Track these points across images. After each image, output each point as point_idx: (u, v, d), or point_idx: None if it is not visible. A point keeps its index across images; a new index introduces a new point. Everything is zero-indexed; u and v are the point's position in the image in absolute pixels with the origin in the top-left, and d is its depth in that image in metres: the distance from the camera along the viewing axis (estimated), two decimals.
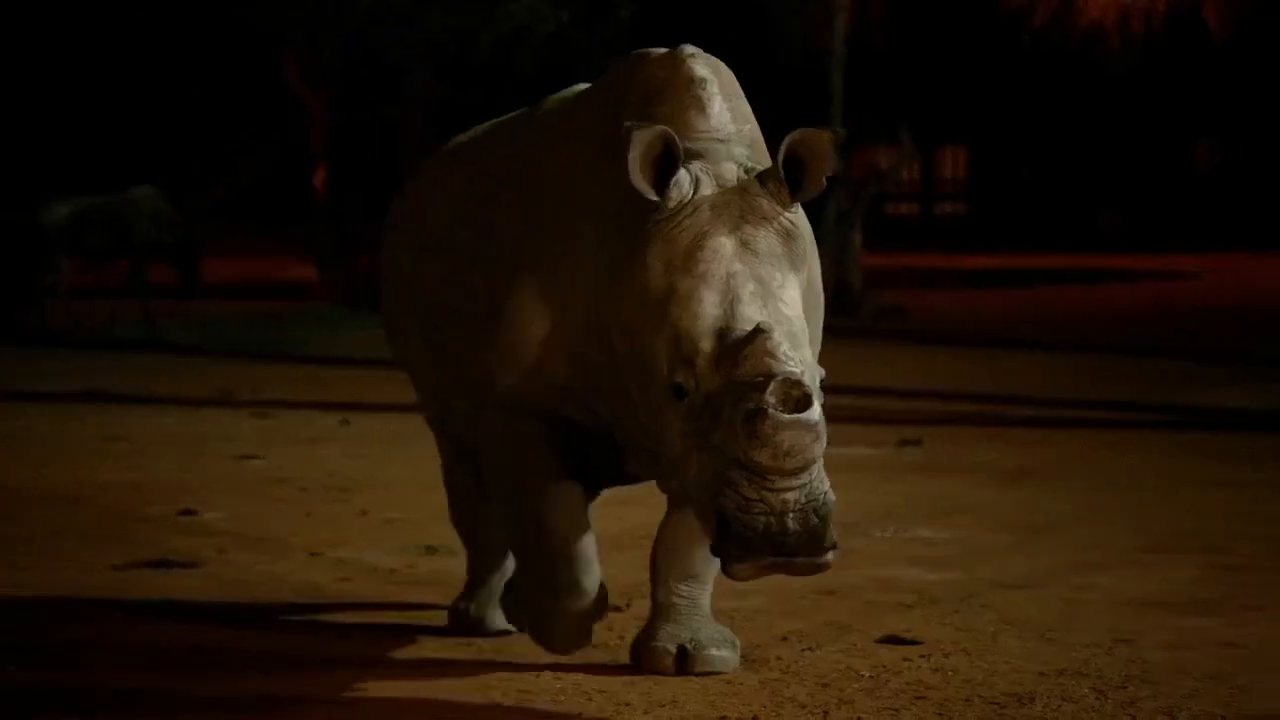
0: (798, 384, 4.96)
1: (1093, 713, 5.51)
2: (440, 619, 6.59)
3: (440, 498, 6.73)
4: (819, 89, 22.71)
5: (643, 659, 5.88)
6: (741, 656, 5.95)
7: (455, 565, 7.03)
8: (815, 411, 4.96)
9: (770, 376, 4.95)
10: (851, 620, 6.60)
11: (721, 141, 5.40)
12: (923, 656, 6.12)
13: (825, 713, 5.51)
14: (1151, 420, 12.46)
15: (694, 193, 5.24)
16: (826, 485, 5.02)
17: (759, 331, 5.03)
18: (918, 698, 5.66)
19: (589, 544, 5.65)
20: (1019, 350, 17.61)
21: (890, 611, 6.73)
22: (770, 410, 4.91)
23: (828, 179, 5.24)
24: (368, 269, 21.55)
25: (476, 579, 6.54)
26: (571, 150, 5.66)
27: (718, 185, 5.26)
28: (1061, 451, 10.89)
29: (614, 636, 6.25)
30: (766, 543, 4.94)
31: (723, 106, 5.47)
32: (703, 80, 5.48)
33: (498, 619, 6.46)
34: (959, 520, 8.64)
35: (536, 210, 5.68)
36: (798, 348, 5.08)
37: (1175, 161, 39.59)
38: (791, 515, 4.95)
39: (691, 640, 5.86)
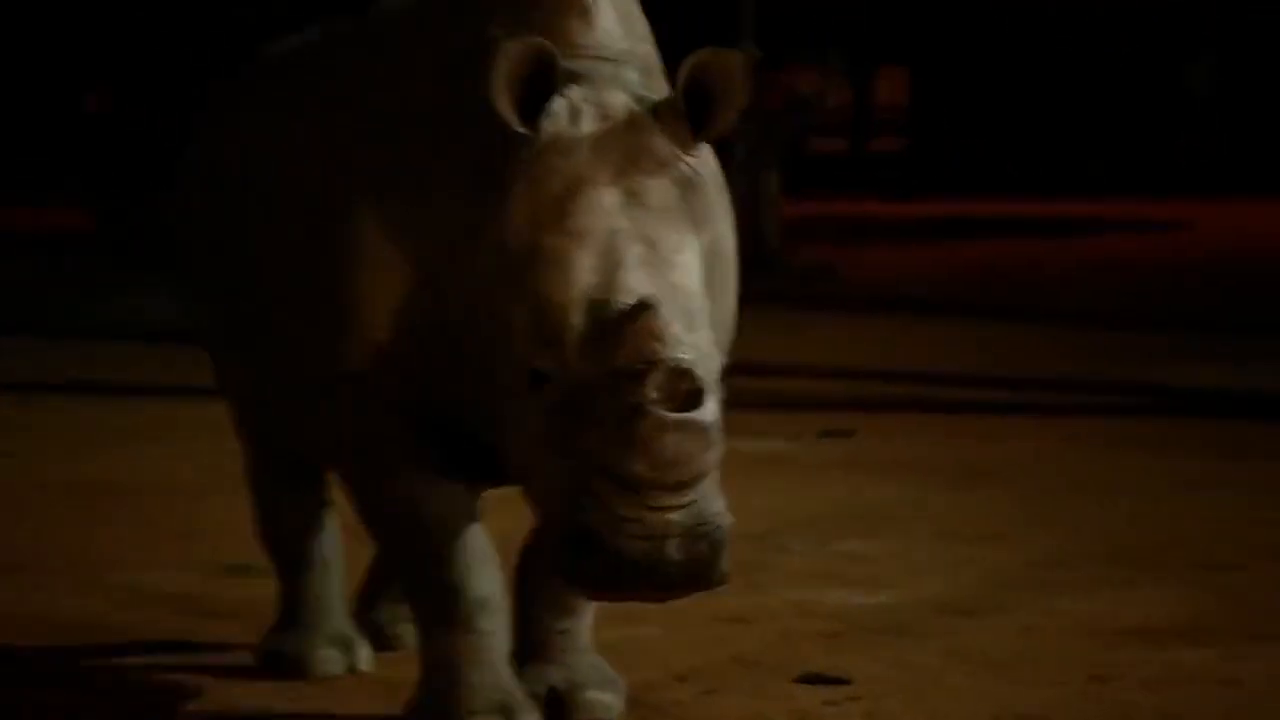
0: (687, 375, 4.84)
1: None
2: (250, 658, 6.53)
3: (248, 504, 6.68)
4: None
5: None
6: (628, 699, 5.92)
7: (269, 589, 6.95)
8: (708, 411, 4.85)
9: (653, 364, 4.82)
10: (764, 654, 6.62)
11: (609, 62, 5.27)
12: (851, 699, 6.13)
13: None
14: (1121, 405, 12.62)
15: (571, 127, 5.12)
16: (719, 505, 4.91)
17: (643, 307, 4.90)
18: None
19: (479, 537, 5.54)
20: (968, 318, 17.77)
21: (811, 643, 6.76)
22: (651, 408, 4.79)
23: (739, 113, 5.13)
24: (159, 218, 21.29)
25: (292, 610, 6.45)
26: (419, 66, 5.53)
27: (602, 118, 5.14)
28: (1017, 445, 11.00)
29: None
30: (639, 573, 4.85)
31: (613, 18, 5.36)
32: None
33: (321, 659, 6.35)
34: (894, 530, 8.70)
35: (374, 143, 5.54)
36: (693, 329, 4.96)
37: (1163, 87, 40.02)
38: (673, 541, 4.85)
39: (565, 680, 5.80)
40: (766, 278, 20.95)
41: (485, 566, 5.51)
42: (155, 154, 22.28)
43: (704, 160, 5.25)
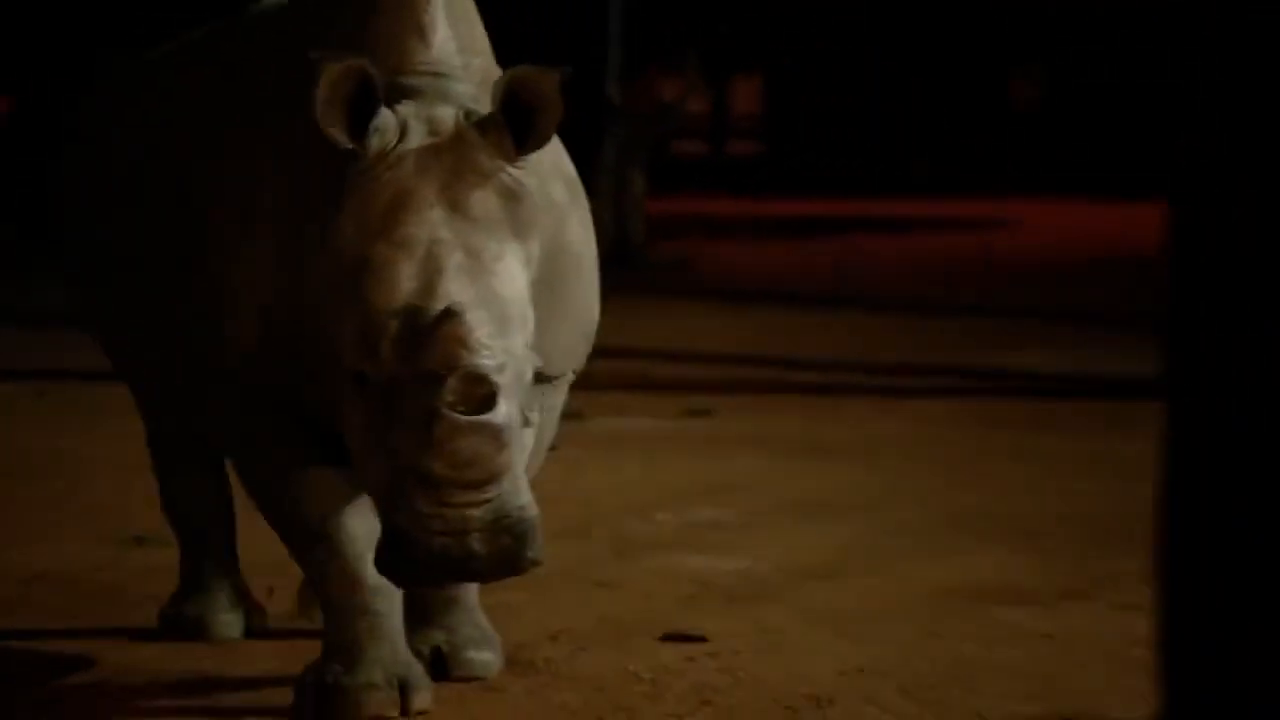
0: (482, 380, 4.76)
1: (898, 716, 5.62)
2: (149, 617, 6.50)
3: (152, 479, 6.62)
4: (594, 6, 22.71)
5: None
6: (505, 658, 5.95)
7: (170, 558, 6.91)
8: (500, 414, 4.76)
9: (453, 369, 4.76)
10: (629, 616, 6.64)
11: (442, 77, 5.14)
12: (709, 655, 6.17)
13: None
14: (951, 386, 12.72)
15: (399, 142, 5.00)
16: (524, 499, 4.84)
17: (449, 314, 4.81)
18: (703, 702, 5.72)
19: (358, 525, 5.41)
20: (817, 308, 17.84)
21: (673, 605, 6.79)
22: (446, 412, 4.72)
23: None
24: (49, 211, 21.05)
25: (193, 577, 6.39)
26: (274, 75, 5.41)
27: (430, 133, 5.02)
28: (863, 424, 11.06)
29: None
30: (446, 566, 4.80)
31: (447, 34, 5.21)
32: None
33: (221, 623, 6.32)
34: (749, 501, 8.75)
35: (236, 152, 5.42)
36: (504, 335, 4.87)
37: (992, 95, 40.31)
38: (475, 536, 4.79)
39: (447, 642, 5.78)
40: (633, 271, 20.99)
41: (362, 550, 5.39)
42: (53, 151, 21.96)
43: (537, 173, 5.14)
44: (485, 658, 5.82)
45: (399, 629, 5.45)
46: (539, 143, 5.05)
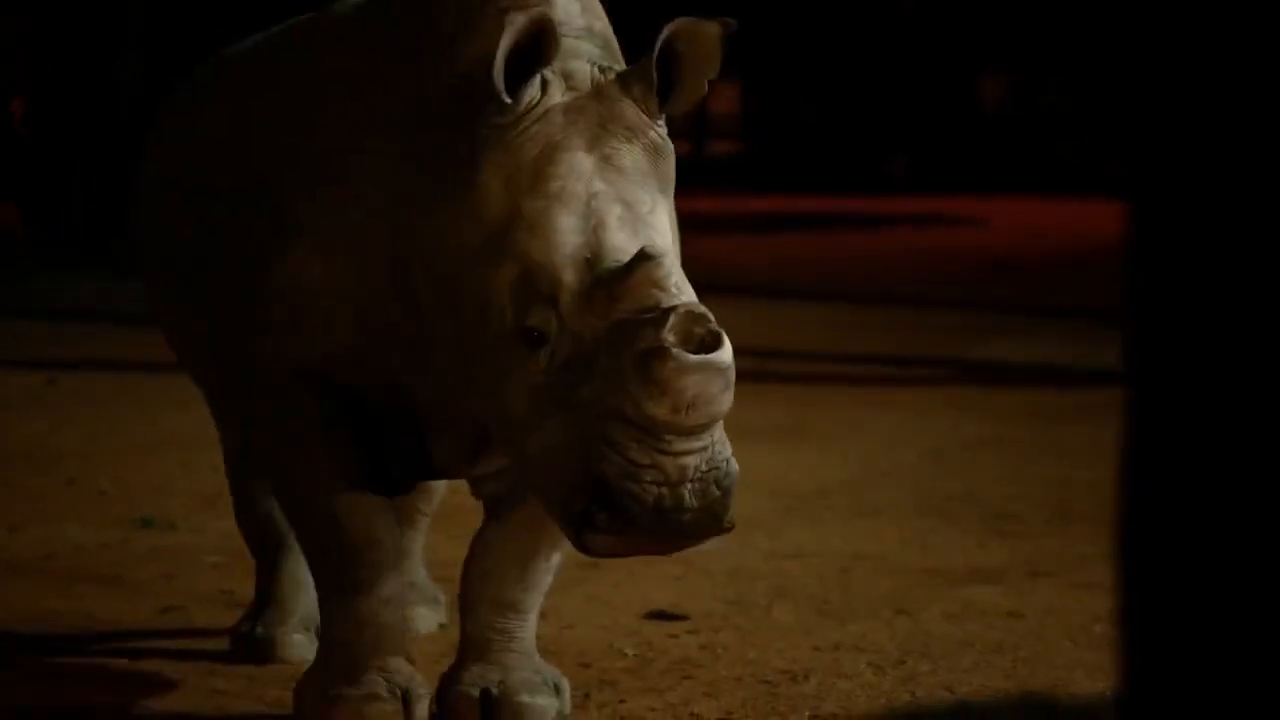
0: (703, 318, 4.34)
1: (870, 689, 5.64)
2: (157, 599, 6.50)
3: (158, 464, 6.61)
4: None
5: (445, 703, 5.20)
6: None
7: (174, 541, 6.95)
8: (727, 352, 4.35)
9: (668, 310, 4.31)
10: (614, 594, 6.66)
11: (570, 37, 4.72)
12: (690, 633, 6.20)
13: (586, 695, 5.56)
14: (926, 376, 12.74)
15: (542, 96, 4.60)
16: (729, 450, 4.44)
17: (644, 257, 4.41)
18: (685, 677, 5.74)
19: (390, 543, 4.98)
20: (795, 300, 17.85)
21: (656, 584, 6.80)
22: (672, 350, 4.27)
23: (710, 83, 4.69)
24: (80, 210, 21.05)
25: (266, 594, 5.89)
26: (370, 55, 4.97)
27: (569, 88, 4.62)
28: (836, 410, 11.07)
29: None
30: (656, 519, 4.31)
31: None
32: None
33: (293, 642, 5.83)
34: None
35: (321, 134, 4.97)
36: (685, 285, 4.49)
37: (962, 97, 40.34)
38: (689, 486, 4.35)
39: (500, 684, 5.16)
40: None
41: (393, 567, 4.99)
42: (73, 160, 21.92)
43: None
44: (541, 703, 5.17)
45: (403, 640, 5.11)
46: (691, 97, 4.66)
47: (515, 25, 4.50)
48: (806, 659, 5.92)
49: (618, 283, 4.39)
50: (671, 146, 4.71)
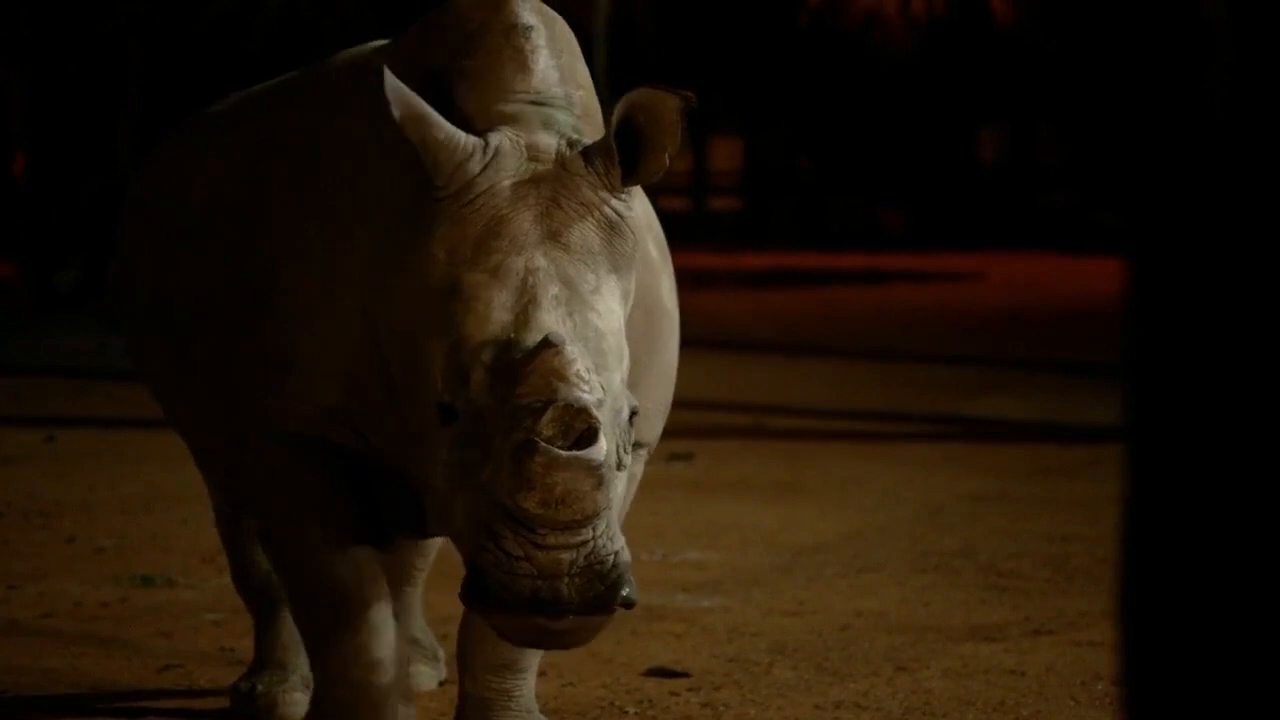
0: (583, 413, 4.23)
1: None
2: (157, 658, 6.46)
3: (157, 520, 6.60)
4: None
5: None
6: None
7: (173, 598, 6.92)
8: (599, 450, 4.23)
9: (550, 402, 4.25)
10: (616, 652, 6.63)
11: (542, 105, 4.65)
12: (691, 690, 6.17)
13: None
14: (925, 431, 12.73)
15: (496, 167, 4.51)
16: (618, 543, 4.29)
17: (547, 344, 4.29)
18: None
19: (381, 605, 4.93)
20: (795, 355, 17.86)
21: (658, 641, 6.78)
22: (542, 444, 4.20)
23: (671, 156, 4.58)
24: (77, 268, 21.09)
25: (265, 652, 5.87)
26: (360, 114, 4.92)
27: (531, 159, 4.53)
28: (834, 466, 11.06)
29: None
30: (535, 610, 4.24)
31: (549, 63, 4.72)
32: (527, 28, 4.70)
33: (293, 701, 5.77)
34: (730, 542, 8.73)
35: (313, 190, 4.94)
36: (603, 370, 4.36)
37: (960, 153, 40.44)
38: (566, 581, 4.24)
39: None
40: None
41: (382, 631, 4.93)
42: (73, 214, 21.97)
43: (634, 207, 4.62)
44: None
45: (398, 701, 4.98)
46: (651, 172, 4.54)
47: (422, 120, 4.46)
48: (808, 717, 5.89)
49: (520, 368, 4.31)
50: (632, 224, 4.59)
